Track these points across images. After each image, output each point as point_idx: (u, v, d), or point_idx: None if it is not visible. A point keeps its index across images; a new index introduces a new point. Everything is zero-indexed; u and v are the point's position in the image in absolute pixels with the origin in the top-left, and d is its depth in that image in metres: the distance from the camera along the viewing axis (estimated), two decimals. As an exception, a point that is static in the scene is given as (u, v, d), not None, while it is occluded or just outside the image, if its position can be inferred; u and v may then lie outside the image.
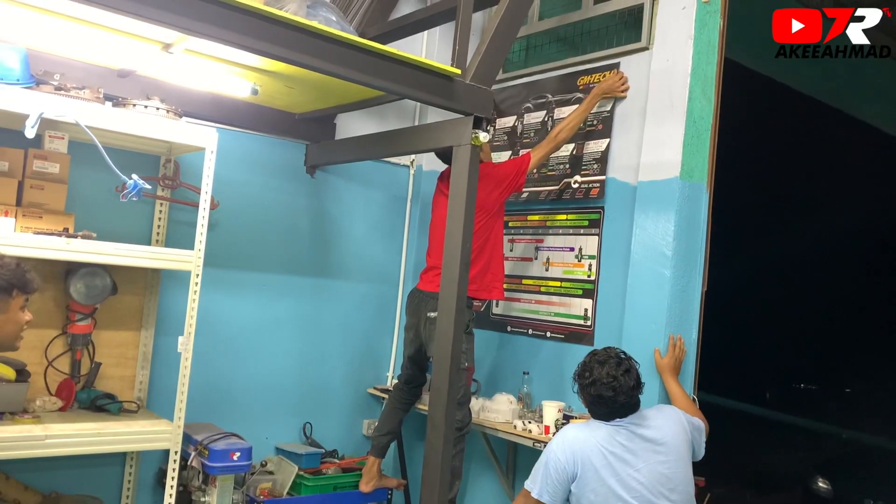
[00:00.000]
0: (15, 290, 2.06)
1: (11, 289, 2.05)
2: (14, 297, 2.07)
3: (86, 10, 2.21)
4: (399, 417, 3.74)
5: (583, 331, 3.54)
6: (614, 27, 3.69)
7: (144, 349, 3.41)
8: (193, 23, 2.24)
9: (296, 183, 3.96)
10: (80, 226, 2.95)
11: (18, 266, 2.09)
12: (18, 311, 2.10)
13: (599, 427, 2.51)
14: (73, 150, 3.01)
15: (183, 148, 3.24)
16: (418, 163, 4.42)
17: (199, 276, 3.01)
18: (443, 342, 2.89)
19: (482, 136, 2.85)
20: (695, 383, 3.16)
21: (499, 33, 2.95)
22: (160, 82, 3.23)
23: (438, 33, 4.29)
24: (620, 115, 3.50)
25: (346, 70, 2.59)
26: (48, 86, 2.73)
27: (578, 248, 3.63)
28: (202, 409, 3.54)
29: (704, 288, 3.21)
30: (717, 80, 3.26)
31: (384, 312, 4.33)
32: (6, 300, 2.05)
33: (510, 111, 4.09)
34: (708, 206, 3.22)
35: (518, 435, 3.38)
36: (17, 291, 2.07)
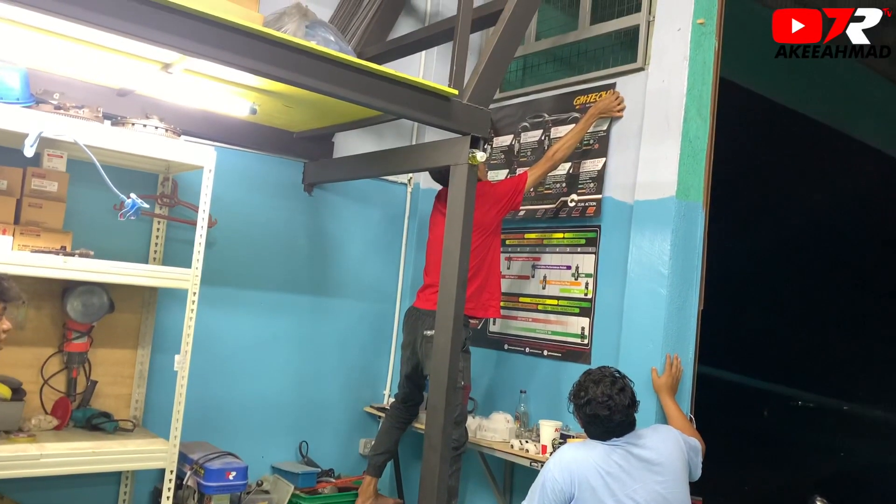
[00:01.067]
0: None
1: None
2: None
3: (86, 30, 2.23)
4: (396, 436, 3.73)
5: (580, 349, 3.54)
6: (610, 47, 3.73)
7: (141, 367, 3.40)
8: (193, 44, 2.27)
9: (293, 201, 3.97)
10: (77, 244, 2.95)
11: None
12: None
13: (596, 446, 2.51)
14: (71, 169, 3.02)
15: (181, 166, 3.25)
16: (416, 181, 4.44)
17: (196, 295, 3.00)
18: (440, 360, 2.89)
19: (479, 155, 2.87)
20: (691, 402, 3.16)
21: (496, 54, 2.97)
22: (159, 101, 3.25)
23: (436, 53, 4.32)
24: (617, 135, 3.53)
25: (344, 90, 2.61)
26: (48, 105, 2.74)
27: (575, 266, 3.64)
28: (198, 427, 3.53)
29: (701, 307, 3.22)
30: (713, 100, 3.28)
31: (381, 330, 4.33)
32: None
33: (507, 130, 4.11)
34: (704, 225, 3.24)
35: (515, 454, 3.37)
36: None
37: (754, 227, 7.92)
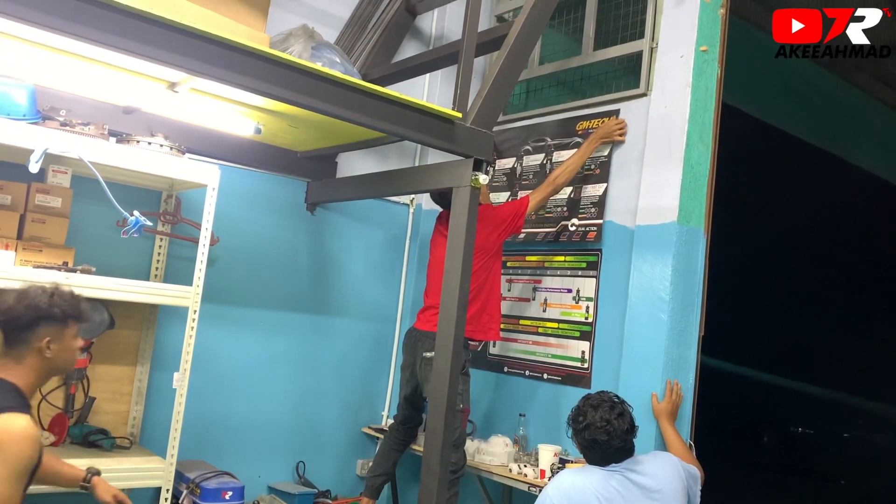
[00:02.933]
0: (70, 319, 2.14)
1: (67, 319, 2.13)
2: (69, 326, 2.14)
3: (94, 49, 2.25)
4: (394, 458, 3.71)
5: (580, 373, 3.53)
6: (614, 73, 3.76)
7: (139, 384, 3.39)
8: (200, 64, 2.29)
9: (296, 220, 3.98)
10: (79, 260, 2.96)
11: (73, 296, 2.18)
12: (72, 340, 2.17)
13: (594, 472, 2.49)
14: (75, 185, 3.03)
15: (185, 184, 3.26)
16: (418, 202, 4.45)
17: (197, 313, 3.01)
18: (439, 382, 2.88)
19: (482, 178, 2.88)
20: (691, 429, 3.14)
21: (500, 78, 2.99)
22: (165, 119, 3.27)
23: (441, 76, 4.35)
24: (618, 160, 3.54)
25: (349, 112, 2.63)
26: (54, 121, 2.76)
27: (576, 289, 3.63)
28: (195, 445, 3.51)
29: (701, 333, 3.21)
30: (715, 127, 3.30)
31: (381, 351, 4.32)
32: (62, 329, 2.12)
33: (510, 153, 4.13)
34: (705, 251, 3.24)
35: (513, 479, 3.35)
36: (73, 321, 2.15)
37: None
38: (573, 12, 4.03)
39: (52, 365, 2.14)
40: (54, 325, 2.11)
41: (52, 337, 2.10)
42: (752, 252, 8.03)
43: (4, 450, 1.90)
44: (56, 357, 2.12)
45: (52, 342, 2.10)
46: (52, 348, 2.10)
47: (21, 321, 2.07)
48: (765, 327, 9.18)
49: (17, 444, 1.91)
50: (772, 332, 9.33)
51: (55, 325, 2.11)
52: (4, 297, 2.10)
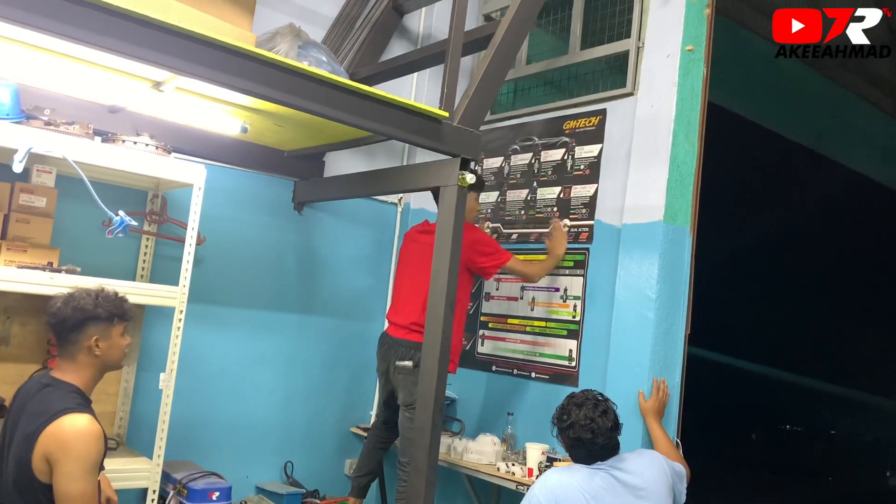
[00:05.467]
0: (115, 318, 2.26)
1: (112, 318, 2.25)
2: (115, 324, 2.26)
3: (79, 48, 2.24)
4: (378, 457, 3.71)
5: (567, 372, 3.54)
6: (601, 72, 3.77)
7: (126, 385, 3.37)
8: (185, 63, 2.27)
9: (283, 219, 3.97)
10: (64, 260, 2.94)
11: (117, 296, 2.30)
12: (119, 337, 2.29)
13: (580, 470, 2.50)
14: (60, 184, 3.01)
15: (171, 183, 3.24)
16: (406, 201, 4.45)
17: (183, 313, 3.00)
18: (426, 383, 2.88)
19: (469, 176, 2.88)
20: (678, 427, 3.16)
21: (487, 77, 3.00)
22: (150, 118, 3.26)
23: (428, 75, 4.35)
24: (606, 160, 3.55)
25: (335, 111, 2.62)
26: (38, 121, 2.74)
27: (564, 288, 3.64)
28: (182, 446, 3.50)
29: (688, 331, 3.23)
30: (701, 126, 3.32)
31: (369, 350, 4.26)
32: (109, 328, 2.24)
33: (497, 152, 4.13)
34: (691, 250, 3.26)
35: (501, 477, 3.35)
36: (118, 319, 2.27)
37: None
38: (560, 12, 4.04)
39: (103, 361, 2.26)
40: (101, 324, 2.22)
41: (99, 335, 2.22)
42: (737, 250, 8.10)
43: (74, 449, 2.03)
44: (105, 354, 2.24)
45: (100, 340, 2.22)
46: (100, 346, 2.22)
47: (69, 323, 2.19)
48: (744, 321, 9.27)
49: (83, 442, 2.05)
50: (755, 325, 9.42)
51: (102, 324, 2.22)
52: (52, 302, 2.23)
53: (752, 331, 9.34)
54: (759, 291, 9.10)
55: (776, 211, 8.26)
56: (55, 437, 2.03)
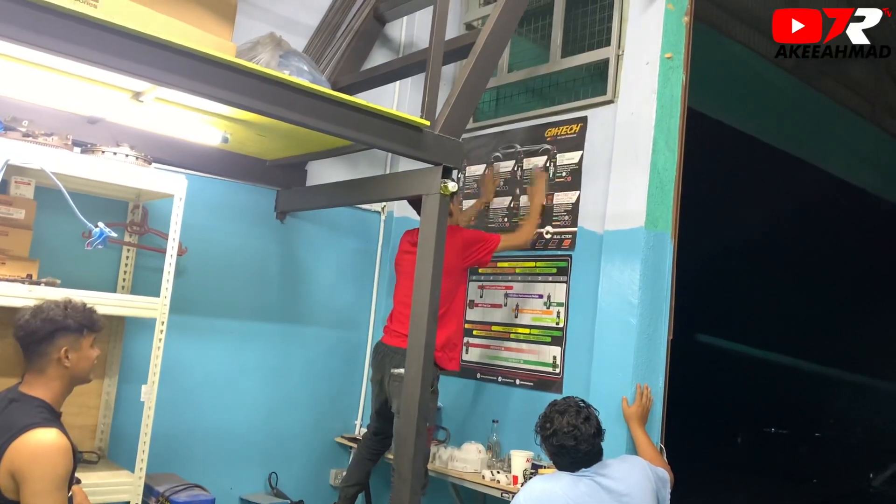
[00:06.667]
0: (85, 329, 2.25)
1: (82, 329, 2.24)
2: (85, 336, 2.26)
3: (57, 59, 2.22)
4: (367, 468, 3.70)
5: (552, 378, 3.55)
6: (581, 80, 3.80)
7: (107, 398, 3.34)
8: (165, 74, 2.27)
9: (265, 229, 3.95)
10: (44, 272, 2.90)
11: (86, 307, 2.29)
12: (89, 349, 2.28)
13: (563, 477, 2.51)
14: (39, 196, 2.98)
15: (152, 194, 3.22)
16: (389, 209, 4.45)
17: (165, 324, 2.97)
18: (410, 392, 2.88)
19: (451, 185, 2.89)
20: (662, 432, 3.17)
21: (468, 86, 3.01)
22: (130, 129, 3.23)
23: (410, 83, 4.36)
24: (587, 167, 3.57)
25: (316, 121, 2.62)
26: (16, 132, 2.71)
27: (547, 295, 3.65)
28: (165, 458, 3.46)
29: (670, 336, 3.25)
30: (681, 133, 3.35)
31: (353, 360, 4.31)
32: (79, 339, 2.24)
33: (480, 160, 4.14)
34: (673, 255, 3.28)
35: (486, 485, 3.35)
36: (87, 330, 2.26)
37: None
38: (541, 20, 4.06)
39: (72, 374, 2.24)
40: (71, 335, 2.21)
41: (69, 347, 2.21)
42: (716, 254, 8.18)
43: (40, 465, 2.00)
44: (75, 366, 2.23)
45: (69, 351, 2.21)
46: (70, 357, 2.21)
47: (39, 334, 2.17)
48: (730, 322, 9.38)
49: (50, 457, 2.02)
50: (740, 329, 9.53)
51: (72, 335, 2.22)
52: (20, 315, 2.21)
53: (738, 328, 9.46)
54: (735, 296, 9.21)
55: (756, 213, 8.34)
56: (21, 453, 1.99)
